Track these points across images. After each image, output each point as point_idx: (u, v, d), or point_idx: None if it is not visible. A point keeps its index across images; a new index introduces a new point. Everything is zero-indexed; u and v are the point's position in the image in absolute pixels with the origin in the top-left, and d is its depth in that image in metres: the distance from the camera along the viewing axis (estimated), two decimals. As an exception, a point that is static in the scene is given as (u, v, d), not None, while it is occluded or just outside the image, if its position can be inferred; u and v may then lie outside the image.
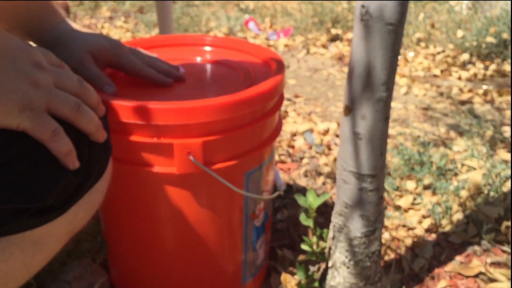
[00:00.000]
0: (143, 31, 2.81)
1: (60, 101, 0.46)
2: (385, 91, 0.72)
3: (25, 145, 0.44)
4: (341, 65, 2.39)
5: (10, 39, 0.45)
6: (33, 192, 0.43)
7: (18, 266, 0.46)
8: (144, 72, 0.75)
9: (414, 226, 1.14)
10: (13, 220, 0.43)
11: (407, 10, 0.70)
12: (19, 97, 0.43)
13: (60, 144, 0.45)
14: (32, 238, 0.46)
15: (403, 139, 1.59)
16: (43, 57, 0.47)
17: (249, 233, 0.85)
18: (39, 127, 0.44)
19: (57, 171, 0.46)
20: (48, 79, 0.46)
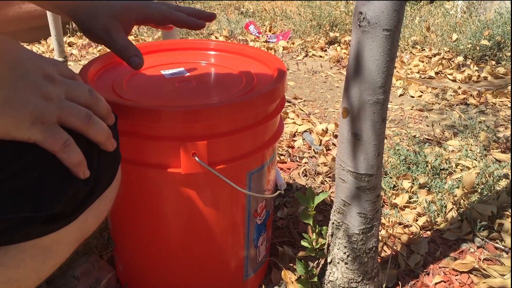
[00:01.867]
0: (146, 34, 2.84)
1: (71, 113, 0.47)
2: (382, 94, 0.75)
3: (35, 155, 0.44)
4: (339, 67, 2.42)
5: (21, 52, 0.46)
6: (43, 200, 0.44)
7: (28, 273, 0.47)
8: (175, 17, 0.73)
9: (410, 224, 1.18)
10: (24, 228, 0.44)
11: (403, 15, 0.73)
12: (31, 110, 0.43)
13: (71, 154, 0.46)
14: (43, 245, 0.47)
15: (400, 139, 1.63)
16: (54, 69, 0.48)
17: (251, 231, 0.88)
18: (51, 139, 0.44)
19: (67, 180, 0.47)
20: (59, 91, 0.46)
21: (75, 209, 0.48)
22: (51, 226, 0.46)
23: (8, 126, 0.42)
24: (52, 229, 0.47)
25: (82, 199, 0.49)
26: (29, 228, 0.44)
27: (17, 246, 0.45)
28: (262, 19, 3.23)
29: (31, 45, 2.58)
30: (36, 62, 0.46)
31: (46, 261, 0.49)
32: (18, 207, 0.42)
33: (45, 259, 0.48)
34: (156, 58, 0.94)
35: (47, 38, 2.64)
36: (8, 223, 0.43)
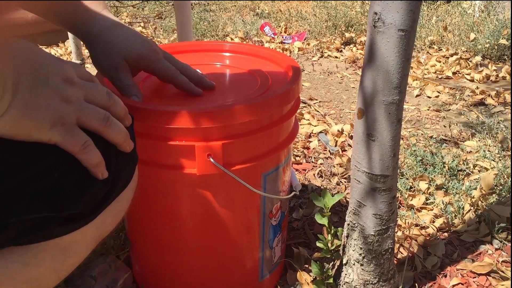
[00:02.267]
0: (162, 36, 2.86)
1: (90, 115, 0.48)
2: (397, 94, 0.75)
3: (56, 157, 0.46)
4: (355, 68, 2.41)
5: (41, 55, 0.47)
6: (63, 200, 0.45)
7: (49, 271, 0.48)
8: (177, 80, 0.77)
9: (426, 225, 1.17)
10: (44, 228, 0.45)
11: (419, 15, 0.73)
12: (51, 112, 0.44)
13: (89, 155, 0.47)
14: (62, 244, 0.48)
15: (416, 140, 1.61)
16: (73, 72, 0.49)
17: (266, 232, 0.88)
18: (70, 140, 0.46)
19: (86, 180, 0.48)
20: (78, 94, 0.47)
21: (93, 209, 0.49)
22: (70, 225, 0.48)
23: (29, 128, 0.43)
24: (72, 229, 0.48)
25: (100, 199, 0.50)
26: (49, 228, 0.45)
27: (38, 245, 0.46)
28: (277, 20, 3.23)
29: (49, 48, 2.61)
30: (56, 65, 0.47)
31: (66, 260, 0.50)
32: (39, 207, 0.43)
33: (64, 258, 0.49)
34: (172, 60, 0.95)
35: (65, 41, 2.68)
36: (29, 222, 0.44)
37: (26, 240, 0.45)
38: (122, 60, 0.72)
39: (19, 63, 0.43)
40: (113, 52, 0.71)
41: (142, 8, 3.55)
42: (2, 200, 0.42)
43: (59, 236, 0.47)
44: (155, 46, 0.76)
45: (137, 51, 0.73)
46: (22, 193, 0.43)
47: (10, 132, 0.42)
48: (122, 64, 0.72)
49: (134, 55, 0.73)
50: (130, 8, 3.50)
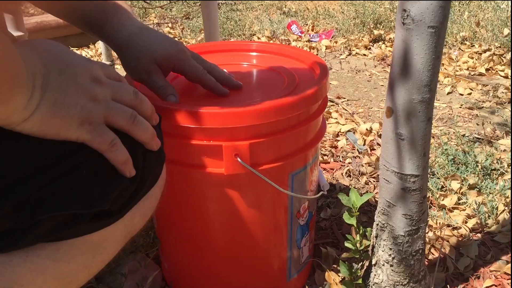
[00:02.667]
0: (189, 36, 2.89)
1: (117, 113, 0.49)
2: (427, 92, 0.73)
3: (84, 155, 0.47)
4: (384, 65, 2.38)
5: (70, 56, 0.48)
6: (91, 198, 0.46)
7: (79, 268, 0.49)
8: (205, 80, 0.78)
9: (459, 226, 1.14)
10: (74, 225, 0.46)
11: (449, 11, 0.71)
12: (79, 111, 0.45)
13: (117, 153, 0.48)
14: (92, 241, 0.49)
15: (448, 138, 1.58)
16: (101, 72, 0.50)
17: (294, 232, 0.88)
18: (98, 138, 0.47)
19: (114, 178, 0.48)
20: (105, 93, 0.48)
21: (122, 206, 0.50)
22: (99, 223, 0.48)
23: (58, 127, 0.44)
24: (101, 226, 0.49)
25: (128, 197, 0.51)
26: (79, 225, 0.46)
27: (68, 242, 0.47)
28: (304, 18, 3.21)
29: (80, 50, 2.67)
30: (84, 65, 0.48)
31: (96, 257, 0.51)
32: (68, 204, 0.44)
33: (94, 255, 0.50)
34: (199, 60, 0.95)
35: (95, 43, 2.73)
36: (59, 219, 0.45)
37: (56, 236, 0.46)
38: (152, 63, 0.73)
39: (48, 63, 0.44)
40: (143, 56, 0.72)
41: (170, 9, 3.58)
42: (33, 197, 0.43)
43: (89, 233, 0.48)
44: (183, 46, 0.77)
45: (166, 52, 0.74)
46: (52, 190, 0.44)
47: (40, 131, 0.43)
48: (153, 67, 0.73)
49: (163, 56, 0.73)
50: (158, 9, 3.54)
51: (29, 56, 0.43)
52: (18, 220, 0.43)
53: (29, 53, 0.43)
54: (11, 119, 0.41)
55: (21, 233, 0.44)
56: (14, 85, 0.39)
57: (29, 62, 0.42)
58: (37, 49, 0.45)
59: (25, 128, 0.43)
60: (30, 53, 0.43)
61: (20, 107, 0.41)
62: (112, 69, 0.54)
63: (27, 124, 0.42)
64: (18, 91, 0.40)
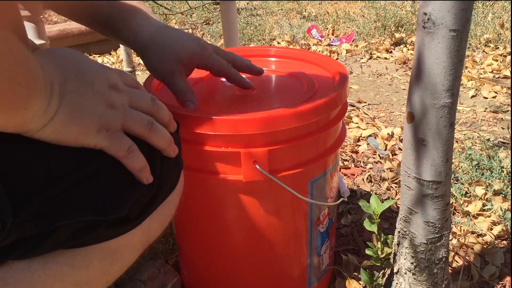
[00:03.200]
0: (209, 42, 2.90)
1: (134, 120, 0.49)
2: (449, 97, 0.72)
3: (102, 162, 0.47)
4: (405, 69, 2.35)
5: (88, 63, 0.48)
6: (109, 204, 0.46)
7: (97, 275, 0.50)
8: (230, 73, 0.78)
9: (484, 233, 1.11)
10: (92, 231, 0.46)
11: (472, 14, 0.69)
12: (97, 118, 0.45)
13: (134, 160, 0.48)
14: (110, 248, 0.50)
15: (472, 143, 1.55)
16: (119, 79, 0.50)
17: (313, 239, 0.87)
18: (115, 145, 0.47)
19: (131, 185, 0.49)
20: (123, 100, 0.49)
21: (140, 213, 0.50)
22: (117, 229, 0.49)
23: (76, 133, 0.44)
24: (119, 233, 0.49)
25: (146, 203, 0.51)
26: (97, 231, 0.46)
27: (87, 249, 0.48)
28: (324, 22, 3.20)
29: (102, 56, 2.70)
30: (102, 72, 0.48)
31: (114, 263, 0.51)
32: (86, 211, 0.45)
33: (112, 261, 0.51)
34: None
35: (116, 49, 2.76)
36: (77, 226, 0.45)
37: (75, 243, 0.47)
38: (176, 64, 0.73)
39: (66, 70, 0.45)
40: (165, 56, 0.72)
41: (190, 15, 3.61)
42: (52, 204, 0.43)
43: (107, 240, 0.49)
44: (203, 42, 0.76)
45: (189, 50, 0.73)
46: (70, 197, 0.44)
47: (58, 138, 0.44)
48: (176, 68, 0.73)
49: (187, 55, 0.73)
50: (179, 15, 3.57)
51: (47, 63, 0.43)
52: (37, 226, 0.43)
53: (47, 61, 0.43)
54: (29, 126, 0.41)
55: (40, 239, 0.44)
56: (32, 91, 0.39)
57: (47, 69, 0.42)
58: (55, 56, 0.46)
59: (43, 135, 0.43)
60: (48, 61, 0.44)
61: (38, 113, 0.41)
62: (130, 76, 0.54)
63: (45, 131, 0.43)
64: (36, 98, 0.40)
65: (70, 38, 2.57)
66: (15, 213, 0.41)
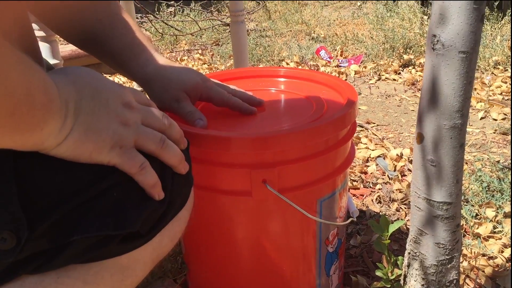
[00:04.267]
0: (218, 62, 2.93)
1: (147, 138, 0.50)
2: (459, 118, 0.72)
3: (115, 178, 0.48)
4: (414, 90, 2.35)
5: (102, 81, 0.50)
6: (122, 219, 0.47)
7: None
8: (232, 102, 0.80)
9: (495, 255, 1.10)
10: (105, 246, 0.47)
11: (481, 36, 0.70)
12: (110, 135, 0.46)
13: (146, 177, 0.49)
14: (121, 264, 0.50)
15: (482, 165, 1.54)
16: (132, 97, 0.51)
17: (322, 259, 0.86)
18: (128, 162, 0.48)
19: (143, 200, 0.49)
20: (136, 118, 0.50)
21: (151, 229, 0.51)
22: (129, 245, 0.49)
23: (90, 150, 0.45)
24: (130, 248, 0.50)
25: (157, 219, 0.52)
26: (110, 246, 0.47)
27: (98, 264, 0.48)
28: (333, 43, 3.22)
29: (113, 76, 2.74)
30: (116, 91, 0.50)
31: (124, 279, 0.51)
32: (100, 226, 0.45)
33: (123, 277, 0.51)
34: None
35: (128, 69, 2.79)
36: (91, 241, 0.46)
37: (87, 258, 0.47)
38: (181, 92, 0.75)
39: (81, 88, 0.46)
40: (171, 86, 0.75)
41: (200, 36, 3.66)
42: (67, 219, 0.44)
43: (119, 255, 0.49)
44: (206, 76, 0.80)
45: (193, 80, 0.77)
46: (85, 212, 0.45)
47: (73, 155, 0.45)
48: (182, 95, 0.76)
49: (191, 85, 0.76)
50: (189, 37, 3.62)
51: (62, 82, 0.44)
52: (51, 241, 0.44)
53: (62, 80, 0.44)
54: (46, 144, 0.42)
55: (53, 254, 0.45)
56: (48, 112, 0.40)
57: (62, 89, 0.43)
58: (70, 76, 0.47)
59: (59, 152, 0.44)
60: (63, 80, 0.45)
61: (54, 132, 0.42)
62: (143, 95, 0.55)
63: (61, 148, 0.44)
64: (52, 117, 0.41)
65: (82, 58, 2.60)
66: (30, 228, 0.42)
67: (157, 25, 3.63)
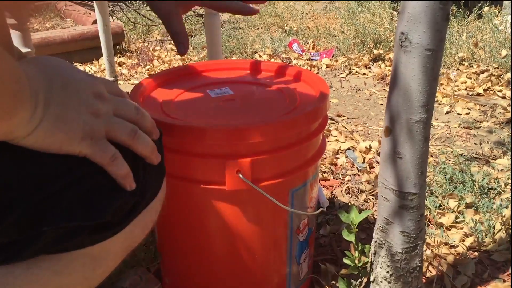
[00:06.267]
0: (191, 54, 2.92)
1: (118, 128, 0.50)
2: (424, 112, 0.75)
3: (86, 169, 0.48)
4: (383, 84, 2.40)
5: (73, 72, 0.49)
6: (92, 210, 0.47)
7: (79, 280, 0.51)
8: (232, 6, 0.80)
9: (456, 244, 1.15)
10: (75, 237, 0.47)
11: (446, 35, 0.73)
12: (81, 126, 0.46)
13: (118, 167, 0.49)
14: (92, 254, 0.50)
15: (446, 157, 1.60)
16: (103, 88, 0.51)
17: (293, 247, 0.89)
18: (99, 153, 0.48)
19: (115, 191, 0.50)
20: (107, 108, 0.50)
21: (122, 219, 0.51)
22: (100, 235, 0.50)
23: (61, 141, 0.45)
24: (101, 238, 0.50)
25: (129, 209, 0.52)
26: (80, 237, 0.47)
27: (69, 254, 0.49)
28: (305, 37, 3.25)
29: (84, 65, 2.70)
30: (87, 81, 0.49)
31: (95, 269, 0.52)
32: (70, 216, 0.46)
33: (94, 267, 0.51)
34: (202, 78, 0.97)
35: (99, 59, 2.76)
36: (61, 231, 0.46)
37: (58, 248, 0.48)
38: (174, 6, 0.76)
39: (51, 79, 0.46)
40: None
41: (173, 26, 3.62)
42: (37, 209, 0.44)
43: (90, 245, 0.49)
44: None
45: None
46: (55, 203, 0.45)
47: (43, 145, 0.45)
48: (174, 10, 0.76)
49: None
50: (161, 27, 3.59)
51: (33, 72, 0.44)
52: (22, 231, 0.44)
53: (32, 70, 0.44)
54: (15, 133, 0.42)
55: (24, 244, 0.45)
56: (18, 101, 0.40)
57: (33, 79, 0.43)
58: (40, 65, 0.47)
59: (28, 142, 0.44)
60: (33, 70, 0.45)
61: (24, 122, 0.42)
62: (115, 85, 0.56)
63: (30, 138, 0.44)
64: (21, 107, 0.41)
65: (52, 46, 2.56)
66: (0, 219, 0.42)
67: (129, 14, 3.59)
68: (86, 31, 2.74)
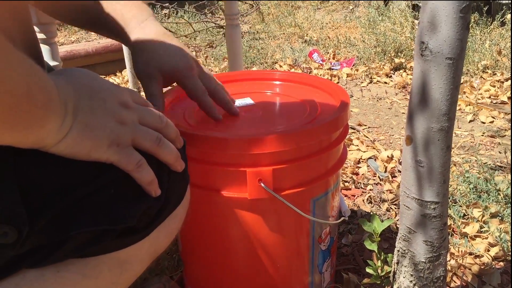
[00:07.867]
0: (212, 64, 2.95)
1: (143, 136, 0.52)
2: (446, 121, 0.75)
3: (112, 175, 0.49)
4: (404, 93, 2.39)
5: (100, 82, 0.52)
6: (118, 215, 0.48)
7: (107, 284, 0.52)
8: (202, 100, 0.80)
9: (481, 254, 1.14)
10: (102, 241, 0.48)
11: (467, 43, 0.73)
12: (108, 134, 0.48)
13: (143, 174, 0.51)
14: (119, 258, 0.52)
15: (469, 166, 1.58)
16: (129, 97, 0.53)
17: (315, 256, 0.89)
18: (125, 159, 0.49)
19: (140, 197, 0.51)
20: (133, 117, 0.52)
21: (147, 224, 0.53)
22: (126, 240, 0.51)
23: (89, 148, 0.47)
24: (127, 243, 0.51)
25: (154, 215, 0.53)
26: (106, 241, 0.49)
27: (96, 258, 0.50)
28: (325, 47, 3.26)
29: (108, 77, 2.75)
30: (113, 91, 0.52)
31: (122, 273, 0.53)
32: (98, 221, 0.47)
33: (121, 271, 0.53)
34: (224, 89, 0.99)
35: (122, 71, 2.81)
36: (88, 235, 0.47)
37: (85, 252, 0.49)
38: (156, 71, 0.76)
39: (79, 89, 0.48)
40: (151, 62, 0.75)
41: (194, 38, 3.68)
42: (65, 214, 0.46)
43: (116, 250, 0.51)
44: (193, 63, 0.78)
45: (173, 64, 0.76)
46: (82, 208, 0.47)
47: (72, 152, 0.47)
48: (155, 74, 0.76)
49: (169, 68, 0.76)
50: (183, 38, 3.64)
51: (62, 83, 0.46)
52: (51, 235, 0.46)
53: (61, 81, 0.46)
54: (46, 141, 0.44)
55: (52, 248, 0.46)
56: (49, 110, 0.42)
57: (62, 89, 0.45)
58: (68, 76, 0.49)
59: (58, 150, 0.46)
60: (62, 81, 0.47)
61: (54, 130, 0.44)
62: (140, 95, 0.57)
63: (60, 146, 0.45)
64: (51, 117, 0.43)
65: (77, 59, 2.62)
66: (31, 223, 0.44)
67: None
68: (109, 44, 2.80)
